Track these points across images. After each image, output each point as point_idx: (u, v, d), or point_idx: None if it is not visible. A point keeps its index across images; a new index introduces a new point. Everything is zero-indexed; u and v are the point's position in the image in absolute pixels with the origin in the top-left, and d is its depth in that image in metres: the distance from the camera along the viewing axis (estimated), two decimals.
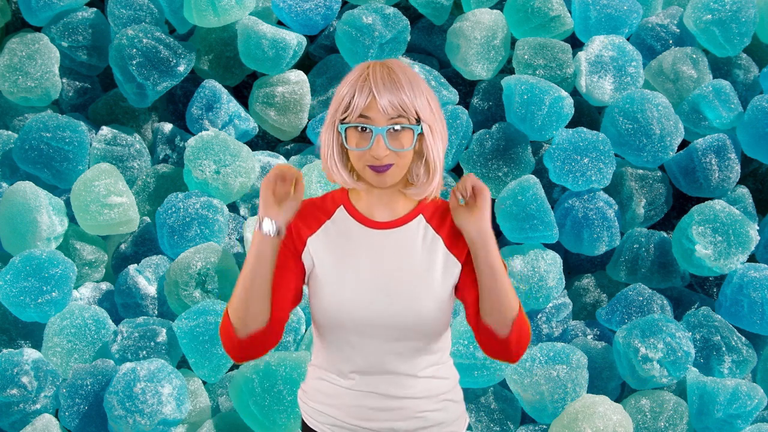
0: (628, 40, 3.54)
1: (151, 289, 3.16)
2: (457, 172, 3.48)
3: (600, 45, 3.38)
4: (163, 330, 3.00)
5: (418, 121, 1.62)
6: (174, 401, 2.81)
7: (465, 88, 3.68)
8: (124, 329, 2.98)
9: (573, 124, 3.44)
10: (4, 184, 3.36)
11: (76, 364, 2.94)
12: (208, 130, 3.33)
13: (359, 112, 1.60)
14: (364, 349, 1.68)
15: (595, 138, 3.23)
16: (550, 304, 3.21)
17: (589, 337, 3.27)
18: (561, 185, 3.41)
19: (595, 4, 3.43)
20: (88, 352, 3.01)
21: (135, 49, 3.31)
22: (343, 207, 1.72)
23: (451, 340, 1.84)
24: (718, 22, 3.41)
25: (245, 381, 2.81)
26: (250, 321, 1.63)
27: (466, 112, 3.36)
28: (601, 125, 3.40)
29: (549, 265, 3.14)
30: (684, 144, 3.45)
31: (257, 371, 2.80)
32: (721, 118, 3.38)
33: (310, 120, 3.51)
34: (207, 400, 3.01)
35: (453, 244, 1.69)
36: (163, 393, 2.79)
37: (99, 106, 3.65)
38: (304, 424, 1.81)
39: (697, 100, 3.39)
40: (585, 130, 3.26)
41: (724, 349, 3.13)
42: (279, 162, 3.50)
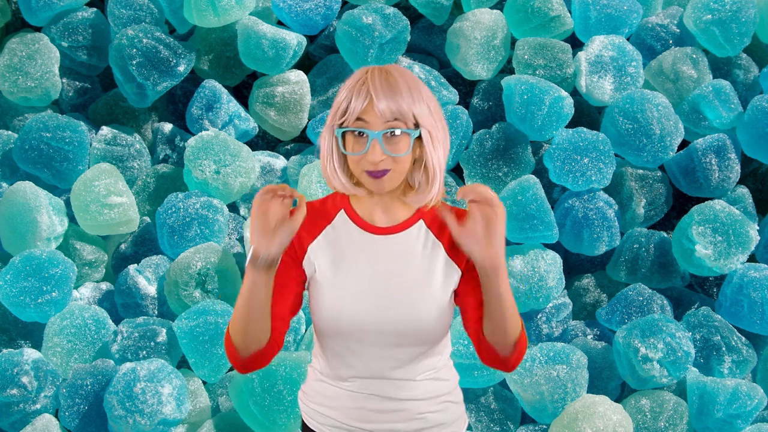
0: (628, 40, 3.53)
1: (151, 289, 3.16)
2: (457, 173, 3.48)
3: (600, 45, 3.38)
4: (163, 330, 3.00)
5: (417, 126, 1.60)
6: (174, 401, 2.81)
7: (465, 88, 3.68)
8: (124, 329, 2.98)
9: (573, 124, 3.44)
10: (4, 184, 3.36)
11: (76, 364, 2.94)
12: (208, 130, 3.33)
13: (356, 116, 1.58)
14: (364, 355, 1.68)
15: (595, 138, 3.22)
16: (550, 304, 3.21)
17: (589, 337, 3.27)
18: (561, 185, 3.41)
19: (595, 4, 3.43)
20: (88, 352, 3.01)
21: (135, 49, 3.31)
22: (343, 211, 1.70)
23: (451, 340, 1.84)
24: (718, 22, 3.41)
25: (245, 381, 2.81)
26: (251, 343, 1.63)
27: (466, 112, 3.36)
28: (601, 125, 3.40)
29: (549, 265, 3.14)
30: (684, 144, 3.45)
31: (257, 371, 2.80)
32: (721, 118, 3.37)
33: (310, 120, 3.51)
34: (207, 400, 3.01)
35: (454, 250, 1.68)
36: (163, 393, 2.79)
37: (99, 106, 3.65)
38: (305, 425, 1.81)
39: (697, 100, 3.39)
40: (585, 130, 3.26)
41: (724, 349, 3.13)
42: (279, 162, 3.50)
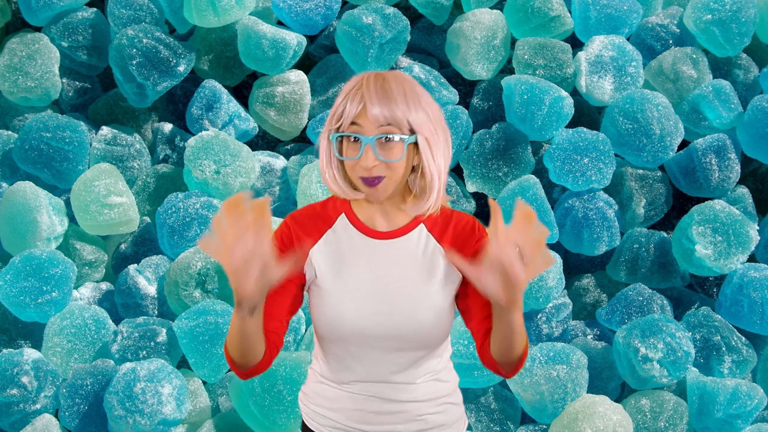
0: (628, 40, 3.53)
1: (151, 289, 3.16)
2: (458, 173, 3.48)
3: (600, 45, 3.38)
4: (163, 330, 2.99)
5: (413, 133, 1.58)
6: (174, 401, 2.81)
7: (465, 88, 3.68)
8: (124, 329, 2.98)
9: (573, 124, 3.44)
10: (4, 184, 3.36)
11: (76, 364, 2.94)
12: (208, 130, 3.33)
13: (350, 121, 1.58)
14: (365, 358, 1.68)
15: (595, 138, 3.22)
16: (550, 304, 3.21)
17: (589, 337, 3.26)
18: (561, 185, 3.41)
19: (595, 4, 3.43)
20: (88, 352, 3.01)
21: (135, 49, 3.31)
22: (344, 215, 1.69)
23: (451, 340, 1.84)
24: (718, 22, 3.41)
25: (245, 381, 2.81)
26: (249, 360, 1.63)
27: (466, 112, 3.36)
28: (601, 125, 3.40)
29: (551, 265, 3.13)
30: (684, 144, 3.45)
31: None
32: (721, 118, 3.37)
33: (310, 120, 3.51)
34: (207, 400, 3.01)
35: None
36: (163, 393, 2.79)
37: (99, 106, 3.65)
38: (305, 426, 1.81)
39: (697, 100, 3.39)
40: (585, 130, 3.26)
41: (724, 349, 3.13)
42: (279, 162, 3.49)
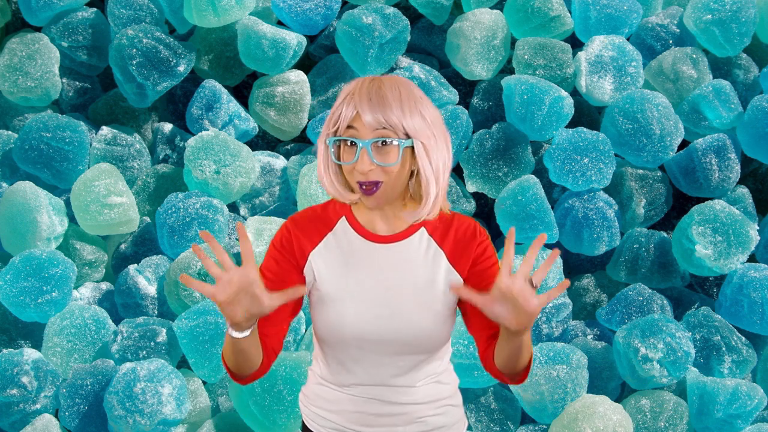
0: (628, 40, 3.53)
1: (151, 289, 3.16)
2: (458, 173, 3.48)
3: (600, 45, 3.38)
4: (163, 330, 2.99)
5: (408, 137, 1.57)
6: (174, 401, 2.81)
7: (465, 88, 3.68)
8: (124, 329, 2.98)
9: (573, 124, 3.44)
10: (4, 184, 3.36)
11: (76, 364, 2.94)
12: (208, 130, 3.33)
13: (346, 125, 1.57)
14: (365, 362, 1.68)
15: (595, 138, 3.22)
16: (550, 304, 3.21)
17: (589, 337, 3.26)
18: (561, 185, 3.41)
19: (595, 4, 3.43)
20: (88, 352, 3.01)
21: (135, 49, 3.31)
22: (344, 219, 1.69)
23: (451, 340, 1.84)
24: (718, 22, 3.41)
25: None
26: (246, 370, 1.65)
27: (466, 112, 3.36)
28: (601, 125, 3.40)
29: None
30: (684, 144, 3.45)
31: None
32: (721, 118, 3.37)
33: (310, 120, 3.51)
34: (207, 400, 3.01)
35: (455, 259, 1.67)
36: (163, 393, 2.79)
37: (99, 106, 3.65)
38: (305, 427, 1.81)
39: (697, 100, 3.39)
40: (585, 130, 3.26)
41: (724, 349, 3.12)
42: (279, 162, 3.49)
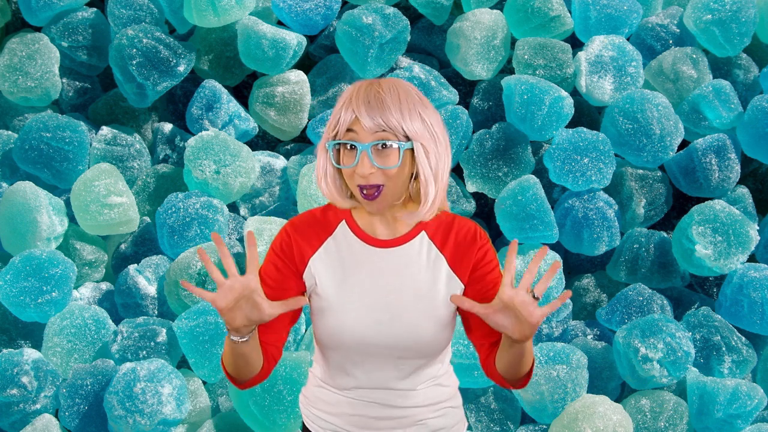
0: (628, 40, 3.53)
1: (151, 289, 3.16)
2: (458, 173, 3.48)
3: (600, 45, 3.38)
4: (163, 330, 3.00)
5: (408, 139, 1.57)
6: (174, 401, 2.81)
7: (465, 88, 3.68)
8: (124, 329, 2.98)
9: (573, 124, 3.44)
10: (4, 184, 3.36)
11: (76, 364, 2.94)
12: (208, 130, 3.33)
13: (345, 128, 1.57)
14: (365, 366, 1.68)
15: (595, 138, 3.22)
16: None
17: (589, 337, 3.26)
18: (561, 185, 3.41)
19: (595, 4, 3.43)
20: (88, 352, 3.01)
21: (135, 49, 3.31)
22: (344, 223, 1.68)
23: (451, 340, 1.84)
24: (718, 22, 3.41)
25: None
26: (245, 375, 1.66)
27: (466, 112, 3.36)
28: (601, 125, 3.40)
29: (549, 265, 3.14)
30: (684, 144, 3.45)
31: None
32: (721, 118, 3.37)
33: (310, 120, 3.51)
34: (207, 400, 3.01)
35: (456, 264, 1.66)
36: (163, 393, 2.79)
37: (99, 106, 3.65)
38: (305, 428, 1.82)
39: (697, 100, 3.39)
40: (585, 130, 3.26)
41: (724, 349, 3.12)
42: (279, 162, 3.49)
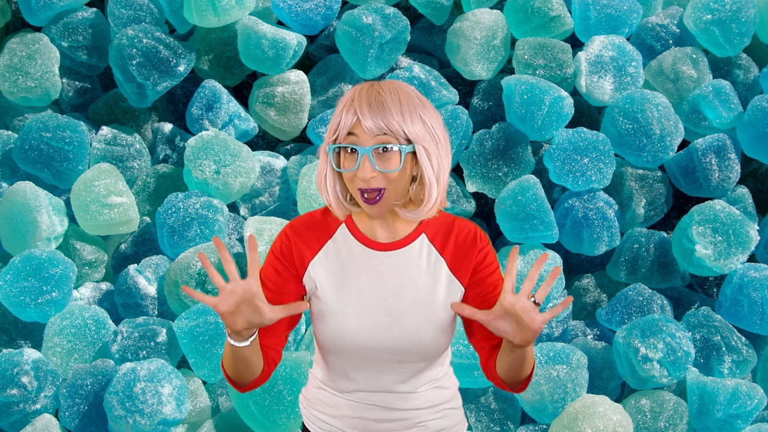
0: (628, 40, 3.53)
1: (151, 289, 3.16)
2: (458, 173, 3.48)
3: (600, 45, 3.38)
4: (163, 330, 3.00)
5: (409, 142, 1.57)
6: (174, 401, 2.81)
7: (465, 88, 3.68)
8: (124, 329, 2.98)
9: (573, 124, 3.44)
10: (4, 184, 3.36)
11: (76, 364, 2.94)
12: (208, 130, 3.33)
13: (346, 132, 1.56)
14: (365, 370, 1.68)
15: (595, 138, 3.22)
16: (550, 304, 3.21)
17: (589, 337, 3.26)
18: (561, 185, 3.41)
19: (595, 4, 3.43)
20: (88, 352, 3.01)
21: (135, 49, 3.31)
22: (344, 226, 1.68)
23: (451, 341, 1.84)
24: (718, 22, 3.41)
25: None
26: (246, 379, 1.66)
27: (466, 112, 3.36)
28: (601, 125, 3.40)
29: (549, 265, 3.14)
30: (684, 144, 3.45)
31: None
32: (721, 118, 3.37)
33: (310, 120, 3.51)
34: (207, 400, 3.01)
35: (456, 266, 1.66)
36: (163, 393, 2.79)
37: (99, 106, 3.65)
38: (305, 429, 1.82)
39: (697, 100, 3.39)
40: (585, 130, 3.26)
41: (724, 349, 3.12)
42: (279, 162, 3.49)
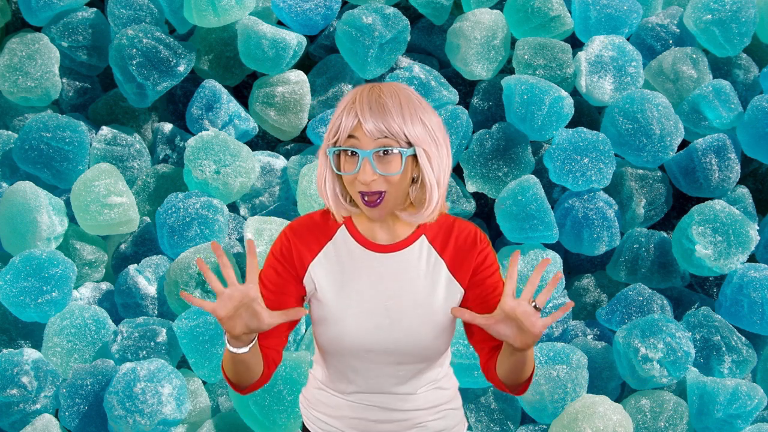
0: (628, 40, 3.53)
1: (151, 289, 3.16)
2: (458, 173, 3.48)
3: (600, 45, 3.38)
4: (163, 330, 3.00)
5: (410, 145, 1.56)
6: (174, 401, 2.81)
7: (465, 88, 3.68)
8: (124, 329, 2.98)
9: (573, 124, 3.44)
10: (4, 184, 3.36)
11: (76, 364, 2.94)
12: (208, 130, 3.33)
13: (347, 134, 1.55)
14: (365, 372, 1.68)
15: (595, 138, 3.22)
16: (550, 304, 3.21)
17: (589, 337, 3.27)
18: (561, 185, 3.41)
19: (595, 4, 3.43)
20: (88, 352, 3.01)
21: (135, 49, 3.31)
22: (344, 227, 1.68)
23: (451, 341, 1.84)
24: (718, 22, 3.41)
25: None
26: (246, 381, 1.66)
27: (466, 112, 3.36)
28: (601, 125, 3.40)
29: (549, 265, 3.14)
30: (684, 144, 3.45)
31: None
32: (721, 118, 3.37)
33: (310, 120, 3.51)
34: (207, 400, 3.01)
35: (456, 268, 1.66)
36: (163, 393, 2.79)
37: (99, 106, 3.65)
38: (306, 429, 1.82)
39: (697, 100, 3.39)
40: (585, 130, 3.26)
41: (724, 349, 3.12)
42: (279, 162, 3.50)
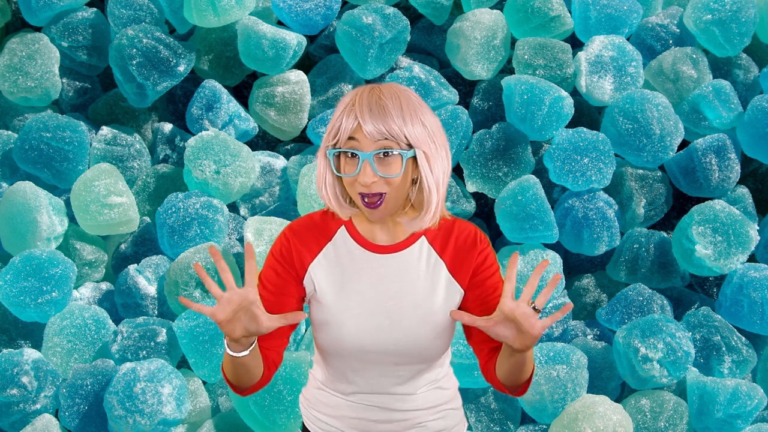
0: (628, 40, 3.53)
1: (151, 289, 3.16)
2: (458, 173, 3.48)
3: (600, 45, 3.38)
4: (163, 330, 3.00)
5: (410, 147, 1.55)
6: (174, 401, 2.81)
7: (465, 88, 3.68)
8: (124, 329, 2.98)
9: (573, 124, 3.44)
10: (4, 184, 3.36)
11: (76, 364, 2.94)
12: (208, 130, 3.33)
13: (347, 136, 1.55)
14: (365, 373, 1.68)
15: (595, 138, 3.22)
16: (550, 304, 3.21)
17: (589, 337, 3.27)
18: (561, 185, 3.41)
19: (595, 4, 3.43)
20: (88, 352, 3.01)
21: (135, 49, 3.31)
22: (344, 228, 1.68)
23: (451, 341, 1.84)
24: (718, 22, 3.41)
25: None
26: (246, 384, 1.66)
27: (466, 112, 3.36)
28: (601, 125, 3.40)
29: (549, 265, 3.14)
30: (684, 144, 3.45)
31: None
32: (721, 118, 3.37)
33: (310, 120, 3.51)
34: (207, 400, 3.01)
35: (456, 269, 1.66)
36: (163, 393, 2.79)
37: (99, 106, 3.65)
38: (306, 429, 1.82)
39: (697, 100, 3.39)
40: (585, 130, 3.26)
41: (724, 349, 3.12)
42: (279, 162, 3.50)
